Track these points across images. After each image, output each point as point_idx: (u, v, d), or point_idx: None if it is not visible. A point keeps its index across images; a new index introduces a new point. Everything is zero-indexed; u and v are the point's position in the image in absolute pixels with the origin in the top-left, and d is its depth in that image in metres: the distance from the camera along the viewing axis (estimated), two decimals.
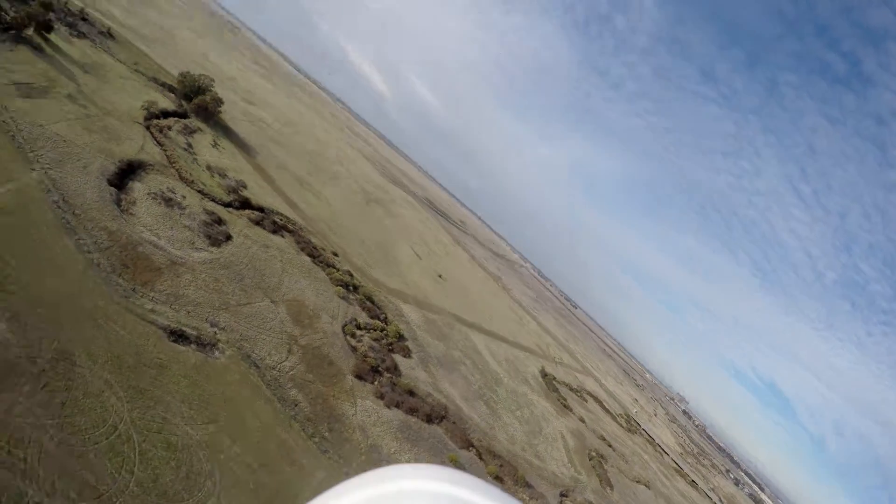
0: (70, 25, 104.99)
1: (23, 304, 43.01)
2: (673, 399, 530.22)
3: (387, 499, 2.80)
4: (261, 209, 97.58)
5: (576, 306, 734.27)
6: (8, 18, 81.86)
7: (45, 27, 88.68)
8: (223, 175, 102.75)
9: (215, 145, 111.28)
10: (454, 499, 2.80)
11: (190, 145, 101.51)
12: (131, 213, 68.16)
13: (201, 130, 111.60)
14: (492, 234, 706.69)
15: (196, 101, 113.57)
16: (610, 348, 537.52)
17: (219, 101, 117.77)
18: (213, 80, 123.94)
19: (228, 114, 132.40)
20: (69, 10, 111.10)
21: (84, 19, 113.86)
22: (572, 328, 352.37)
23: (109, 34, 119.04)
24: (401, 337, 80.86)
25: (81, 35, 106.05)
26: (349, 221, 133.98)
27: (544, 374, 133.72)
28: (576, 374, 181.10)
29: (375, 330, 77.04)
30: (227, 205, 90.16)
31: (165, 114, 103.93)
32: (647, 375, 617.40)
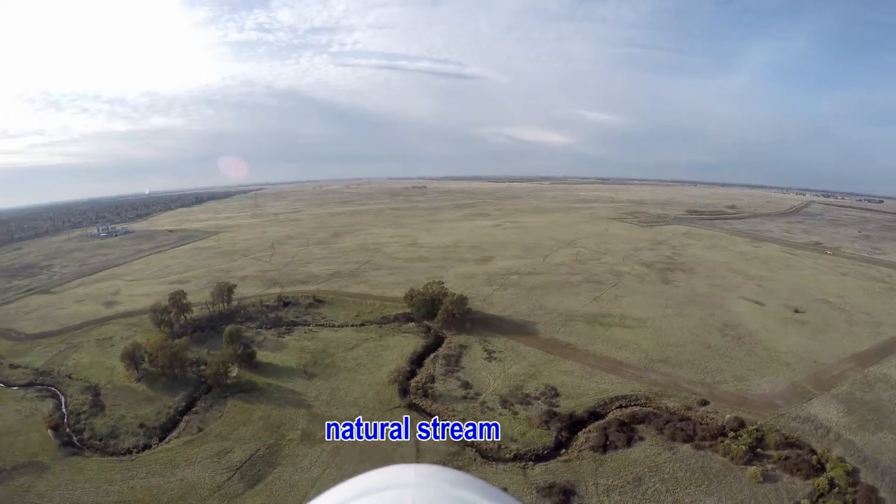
0: (275, 324, 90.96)
1: None
2: None
3: (387, 499, 2.77)
4: (594, 414, 64.49)
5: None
6: (207, 375, 66.25)
7: (247, 358, 71.94)
8: (524, 399, 65.53)
9: (490, 356, 76.83)
10: (455, 499, 2.81)
11: (467, 385, 68.24)
12: None
13: (465, 347, 79.87)
14: (764, 194, 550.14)
15: (440, 317, 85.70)
16: None
17: (462, 300, 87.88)
18: (441, 283, 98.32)
19: (478, 296, 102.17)
20: (266, 306, 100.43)
21: (286, 304, 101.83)
22: None
23: (317, 300, 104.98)
24: (852, 479, 50.33)
25: (290, 327, 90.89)
26: (673, 326, 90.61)
27: None
28: None
29: (823, 495, 49.18)
30: (557, 447, 57.87)
31: (419, 359, 75.82)
32: None
